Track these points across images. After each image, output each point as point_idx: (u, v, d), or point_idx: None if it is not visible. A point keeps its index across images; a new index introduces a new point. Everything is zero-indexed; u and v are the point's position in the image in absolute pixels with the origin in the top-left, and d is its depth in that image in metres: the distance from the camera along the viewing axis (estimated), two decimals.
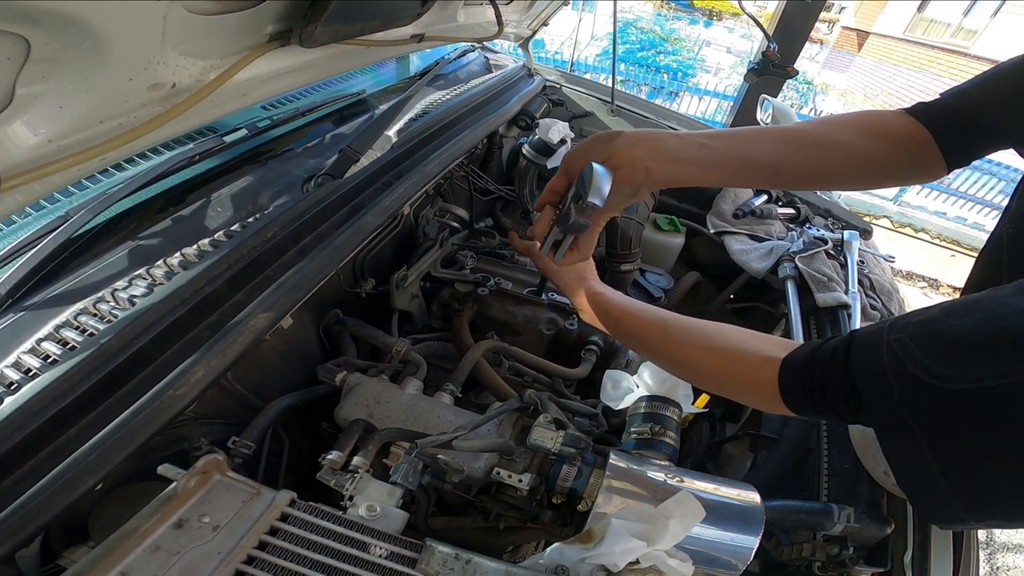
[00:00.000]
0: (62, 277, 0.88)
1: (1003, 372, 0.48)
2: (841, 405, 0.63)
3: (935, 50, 12.26)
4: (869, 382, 0.59)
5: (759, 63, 2.78)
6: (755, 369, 0.74)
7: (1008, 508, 0.51)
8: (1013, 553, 2.86)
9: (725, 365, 0.79)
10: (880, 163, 0.87)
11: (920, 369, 0.53)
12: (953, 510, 0.53)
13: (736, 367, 0.77)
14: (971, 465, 0.52)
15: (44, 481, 0.65)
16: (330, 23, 0.86)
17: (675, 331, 0.86)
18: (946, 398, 0.51)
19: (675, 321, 0.88)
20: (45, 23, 0.56)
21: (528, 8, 2.02)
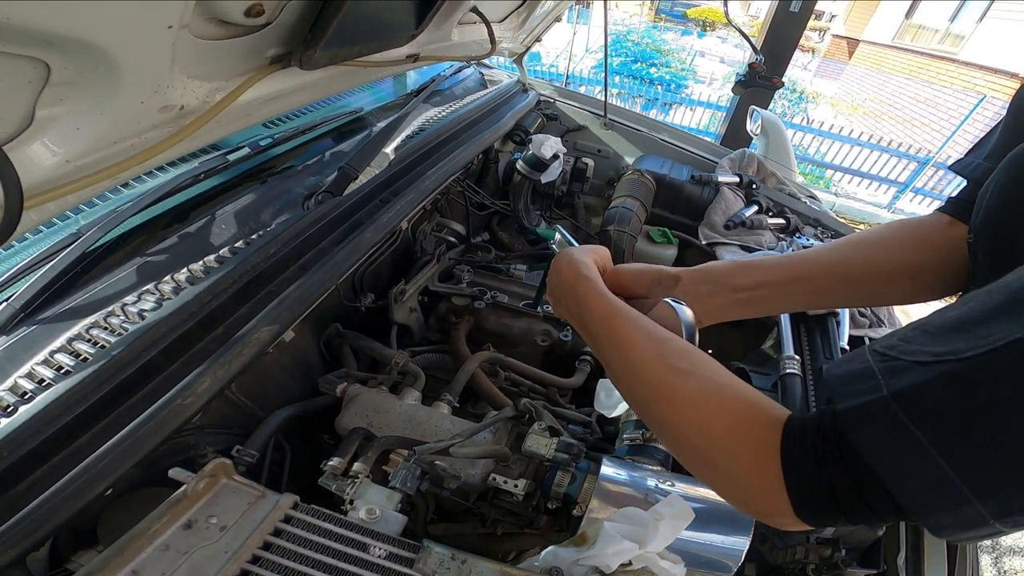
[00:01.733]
0: (74, 292, 0.91)
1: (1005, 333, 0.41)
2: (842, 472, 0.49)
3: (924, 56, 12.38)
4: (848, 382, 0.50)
5: (746, 75, 2.84)
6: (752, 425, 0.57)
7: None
8: (1020, 557, 2.84)
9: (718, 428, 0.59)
10: (930, 278, 0.78)
11: (910, 355, 0.46)
12: (973, 508, 0.43)
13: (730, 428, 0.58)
14: (987, 441, 0.42)
15: (57, 486, 0.67)
16: (328, 47, 0.90)
17: (667, 354, 0.65)
18: (945, 375, 0.43)
19: (664, 342, 0.66)
20: (62, 48, 0.59)
21: (521, 25, 2.07)
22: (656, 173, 2.18)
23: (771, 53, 3.76)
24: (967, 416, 0.42)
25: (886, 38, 14.50)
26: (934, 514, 0.45)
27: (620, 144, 2.50)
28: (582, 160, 2.25)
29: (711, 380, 0.61)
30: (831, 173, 8.22)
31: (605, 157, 2.52)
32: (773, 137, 2.85)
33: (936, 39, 12.45)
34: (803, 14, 4.01)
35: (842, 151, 7.95)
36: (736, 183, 2.19)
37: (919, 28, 13.49)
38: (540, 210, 2.24)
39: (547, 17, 2.26)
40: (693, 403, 0.60)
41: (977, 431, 0.41)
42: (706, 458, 0.59)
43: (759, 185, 2.23)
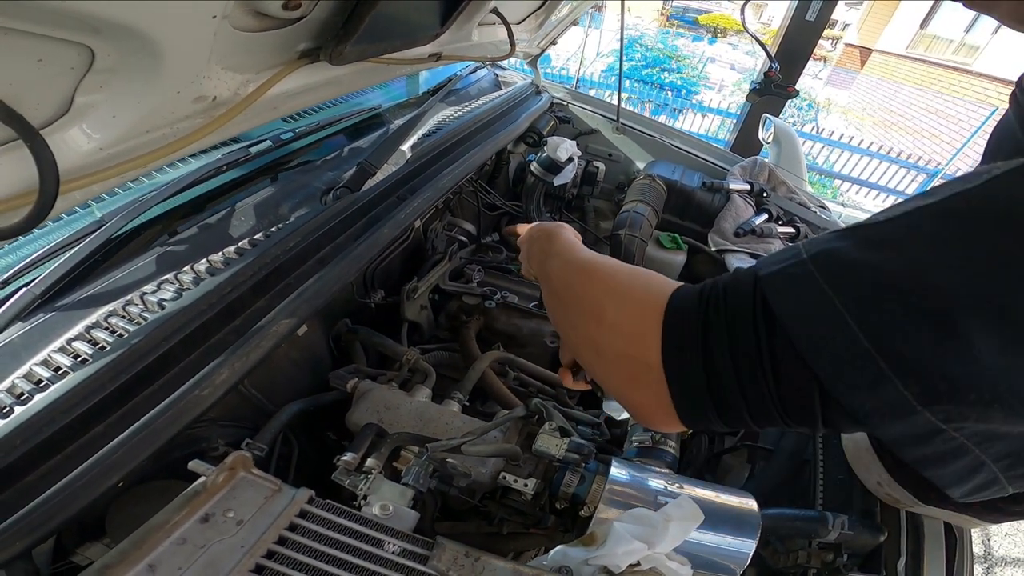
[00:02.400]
0: (93, 280, 0.92)
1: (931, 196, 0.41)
2: (750, 329, 0.47)
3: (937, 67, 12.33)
4: (773, 260, 0.48)
5: (761, 83, 2.83)
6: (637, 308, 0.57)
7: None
8: (1012, 567, 2.84)
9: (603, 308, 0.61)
10: None
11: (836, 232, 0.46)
12: (893, 387, 0.40)
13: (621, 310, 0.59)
14: (898, 306, 0.40)
15: (69, 477, 0.67)
16: (358, 43, 0.90)
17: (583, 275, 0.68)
18: (863, 237, 0.43)
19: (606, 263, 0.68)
20: (109, 34, 0.60)
21: (538, 27, 2.07)
22: (667, 179, 2.18)
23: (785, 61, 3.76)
24: (882, 278, 0.41)
25: (900, 48, 14.45)
26: (854, 393, 0.42)
27: (631, 149, 2.50)
28: (593, 164, 2.26)
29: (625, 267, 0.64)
30: (839, 183, 8.20)
31: (616, 161, 2.52)
32: (785, 146, 2.84)
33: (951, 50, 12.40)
34: (818, 23, 4.01)
35: (851, 161, 7.93)
36: (747, 191, 2.19)
37: (933, 38, 13.45)
38: (551, 212, 2.24)
39: (564, 20, 2.26)
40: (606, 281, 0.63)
41: (888, 294, 0.40)
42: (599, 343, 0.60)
43: (770, 193, 2.23)
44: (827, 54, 20.37)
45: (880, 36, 15.87)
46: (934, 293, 0.39)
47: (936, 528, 1.08)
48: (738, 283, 0.50)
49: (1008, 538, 2.98)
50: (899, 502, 1.04)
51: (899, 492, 1.02)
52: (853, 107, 14.72)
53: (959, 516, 1.00)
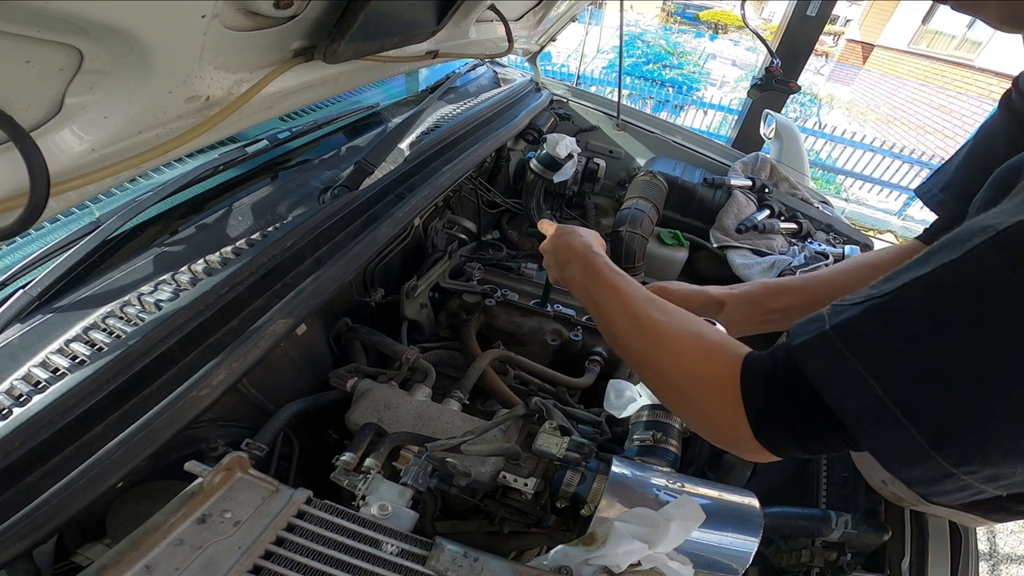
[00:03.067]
0: (91, 281, 0.91)
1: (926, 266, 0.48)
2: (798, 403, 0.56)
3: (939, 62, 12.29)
4: (802, 327, 0.57)
5: (762, 79, 2.82)
6: (720, 361, 0.66)
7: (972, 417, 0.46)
8: (1017, 564, 2.83)
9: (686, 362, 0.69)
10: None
11: (855, 298, 0.53)
12: (908, 434, 0.47)
13: (704, 359, 0.68)
14: (906, 365, 0.48)
15: (69, 478, 0.67)
16: (353, 40, 0.90)
17: (659, 309, 0.76)
18: (875, 309, 0.51)
19: (653, 300, 0.78)
20: (97, 35, 0.59)
21: (537, 24, 2.07)
22: (669, 175, 2.17)
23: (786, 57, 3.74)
24: (889, 342, 0.49)
25: (902, 43, 14.41)
26: (876, 440, 0.51)
27: (632, 145, 2.49)
28: (594, 160, 2.25)
29: (685, 326, 0.72)
30: (842, 178, 8.17)
31: (617, 158, 2.51)
32: (787, 141, 2.84)
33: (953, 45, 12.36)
34: (819, 18, 4.00)
35: (853, 156, 7.90)
36: (749, 187, 2.18)
37: (936, 34, 13.41)
38: (551, 209, 2.24)
39: (563, 17, 2.25)
40: (670, 344, 0.71)
41: (897, 355, 0.48)
42: (680, 392, 0.70)
43: (772, 189, 2.22)
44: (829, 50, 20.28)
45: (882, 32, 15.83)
46: (929, 356, 0.47)
47: (940, 526, 1.08)
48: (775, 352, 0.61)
49: (1014, 535, 2.97)
50: (903, 500, 1.04)
51: (903, 490, 1.01)
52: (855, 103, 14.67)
53: (964, 515, 0.99)
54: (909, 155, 7.70)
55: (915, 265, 0.50)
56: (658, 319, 0.74)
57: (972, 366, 0.45)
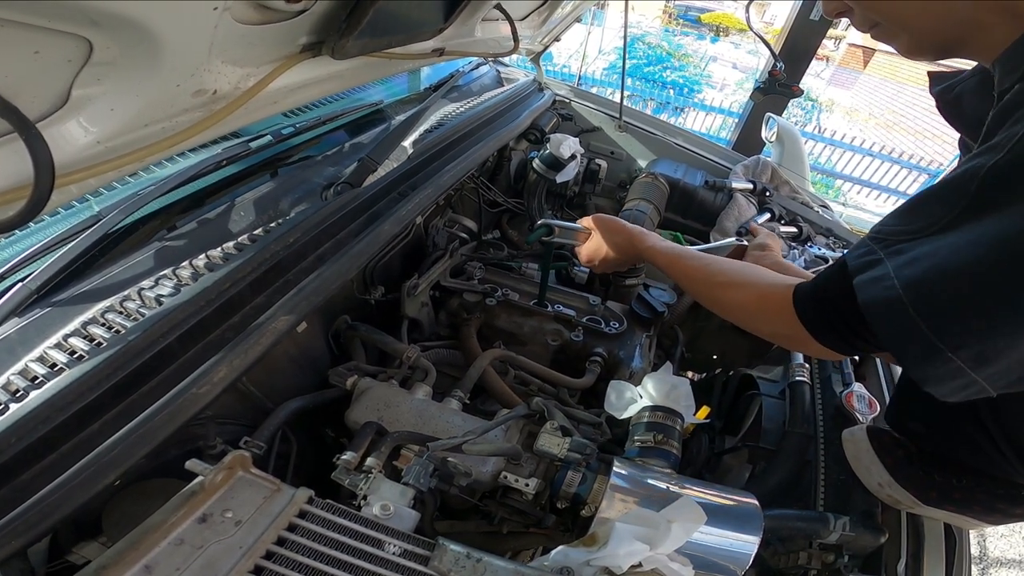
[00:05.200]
0: (90, 275, 0.90)
1: (951, 208, 0.62)
2: (847, 307, 0.72)
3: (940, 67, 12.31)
4: (856, 260, 0.71)
5: (765, 82, 2.82)
6: (774, 301, 0.87)
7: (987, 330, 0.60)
8: (1007, 568, 2.85)
9: (749, 301, 0.94)
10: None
11: (895, 235, 0.68)
12: (944, 360, 0.63)
13: (758, 302, 0.91)
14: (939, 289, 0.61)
15: (65, 475, 0.66)
16: (361, 37, 0.90)
17: (706, 274, 1.03)
18: (919, 243, 0.64)
19: (707, 264, 1.05)
20: (109, 26, 0.59)
21: (541, 24, 2.06)
22: (670, 177, 2.17)
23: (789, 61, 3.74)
24: (930, 278, 0.62)
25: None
26: (903, 345, 0.66)
27: (634, 147, 2.49)
28: (595, 161, 2.24)
29: (742, 274, 0.98)
30: (841, 183, 8.19)
31: (618, 159, 2.51)
32: (788, 145, 2.84)
33: None
34: (823, 22, 3.99)
35: (853, 161, 7.92)
36: (750, 190, 2.18)
37: None
38: (552, 209, 2.23)
39: (567, 17, 2.25)
40: (734, 291, 0.97)
41: (929, 286, 0.62)
42: (747, 323, 0.97)
43: (772, 192, 2.22)
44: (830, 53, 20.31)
45: None
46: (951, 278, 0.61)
47: (936, 529, 1.09)
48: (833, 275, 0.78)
49: (1004, 539, 2.99)
50: (900, 503, 1.04)
51: (900, 493, 1.02)
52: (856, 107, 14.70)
53: (959, 517, 1.00)
54: (908, 160, 7.72)
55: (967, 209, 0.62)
56: (719, 275, 1.01)
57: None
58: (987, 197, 0.60)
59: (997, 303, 0.59)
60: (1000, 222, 0.58)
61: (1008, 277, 0.58)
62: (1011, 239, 0.57)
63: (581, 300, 1.61)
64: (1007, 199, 0.58)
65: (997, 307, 0.59)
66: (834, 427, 1.27)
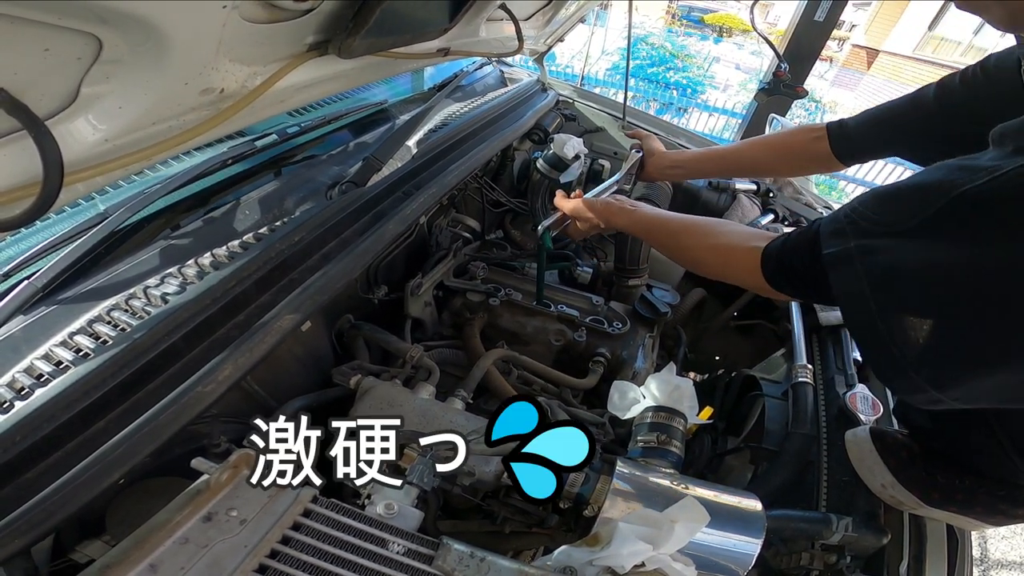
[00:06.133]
0: (95, 273, 0.91)
1: (923, 208, 0.61)
2: (808, 272, 0.78)
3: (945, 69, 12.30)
4: (829, 236, 0.73)
5: (770, 83, 2.81)
6: (744, 258, 0.92)
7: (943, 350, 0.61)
8: (1008, 570, 2.85)
9: (724, 261, 1.00)
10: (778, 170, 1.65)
11: (868, 220, 0.68)
12: (899, 362, 0.64)
13: (732, 261, 0.97)
14: (902, 295, 0.63)
15: (70, 474, 0.66)
16: (367, 36, 0.90)
17: (684, 235, 1.10)
18: (889, 238, 0.65)
19: (684, 226, 1.11)
20: (117, 24, 0.59)
21: (545, 24, 2.06)
22: None
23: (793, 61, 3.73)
24: (887, 268, 0.64)
25: (907, 49, 14.39)
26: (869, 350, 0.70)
27: None
28: (598, 162, 2.24)
29: (715, 231, 1.05)
30: (844, 184, 8.18)
31: (621, 160, 2.50)
32: None
33: (959, 52, 12.35)
34: (827, 23, 3.99)
35: None
36: (753, 191, 2.18)
37: (941, 40, 13.40)
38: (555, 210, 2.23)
39: (571, 18, 2.25)
40: (704, 248, 1.04)
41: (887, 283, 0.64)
42: (717, 272, 1.03)
43: (776, 193, 2.21)
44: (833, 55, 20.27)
45: (887, 37, 15.81)
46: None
47: (938, 530, 1.09)
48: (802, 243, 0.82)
49: (1005, 540, 2.98)
50: (903, 504, 1.04)
51: (904, 495, 1.02)
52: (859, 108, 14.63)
53: (962, 518, 1.00)
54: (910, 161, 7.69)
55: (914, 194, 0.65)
56: (691, 248, 1.08)
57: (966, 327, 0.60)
58: (950, 219, 0.59)
59: (954, 334, 0.60)
60: (953, 251, 0.58)
61: (964, 313, 0.59)
62: (965, 274, 0.58)
63: (584, 300, 1.61)
64: (965, 231, 0.58)
65: (954, 339, 0.60)
66: (837, 428, 1.27)
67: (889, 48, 15.58)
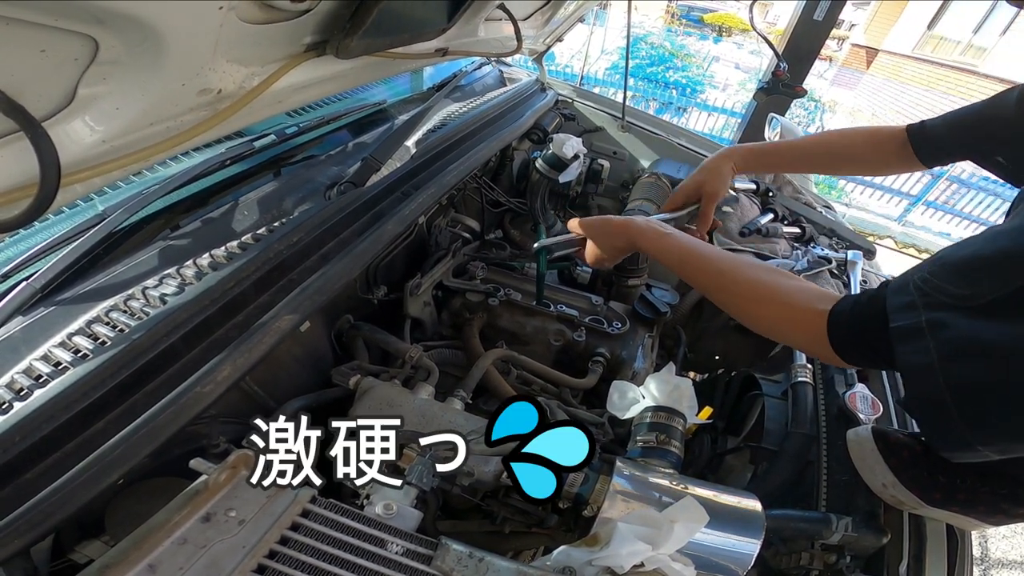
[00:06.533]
0: (94, 274, 0.91)
1: (1005, 284, 0.58)
2: (882, 345, 0.72)
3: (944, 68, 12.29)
4: (898, 309, 0.70)
5: (769, 82, 2.82)
6: (809, 323, 0.83)
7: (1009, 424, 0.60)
8: (1008, 569, 2.85)
9: (783, 319, 0.90)
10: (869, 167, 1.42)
11: (941, 293, 0.65)
12: (959, 432, 0.62)
13: (793, 323, 0.88)
14: (975, 370, 0.60)
15: (69, 474, 0.66)
16: (365, 36, 0.90)
17: (732, 280, 0.95)
18: (963, 313, 0.61)
19: (733, 267, 0.96)
20: (114, 25, 0.59)
21: (544, 24, 2.06)
22: (673, 177, 2.17)
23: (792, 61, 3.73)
24: (960, 342, 0.61)
25: (906, 48, 14.39)
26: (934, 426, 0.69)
27: (636, 147, 2.49)
28: (598, 161, 2.24)
29: (770, 287, 0.90)
30: (843, 183, 8.17)
31: (620, 159, 2.50)
32: None
33: (958, 51, 12.35)
34: (826, 23, 3.98)
35: None
36: (753, 190, 2.17)
37: (940, 39, 13.39)
38: (554, 210, 2.23)
39: (570, 17, 2.25)
40: (765, 308, 0.92)
41: (959, 357, 0.61)
42: (776, 338, 1.00)
43: (775, 193, 2.21)
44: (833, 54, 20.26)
45: (887, 36, 15.81)
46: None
47: (938, 530, 1.08)
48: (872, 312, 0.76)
49: (1005, 540, 2.99)
50: (904, 504, 1.04)
51: (904, 494, 1.02)
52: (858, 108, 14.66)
53: (963, 518, 1.00)
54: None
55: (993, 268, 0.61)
56: (740, 298, 0.95)
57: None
58: None
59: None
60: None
61: None
62: None
63: (583, 300, 1.61)
64: None
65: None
66: (837, 428, 1.27)
67: (888, 47, 15.57)
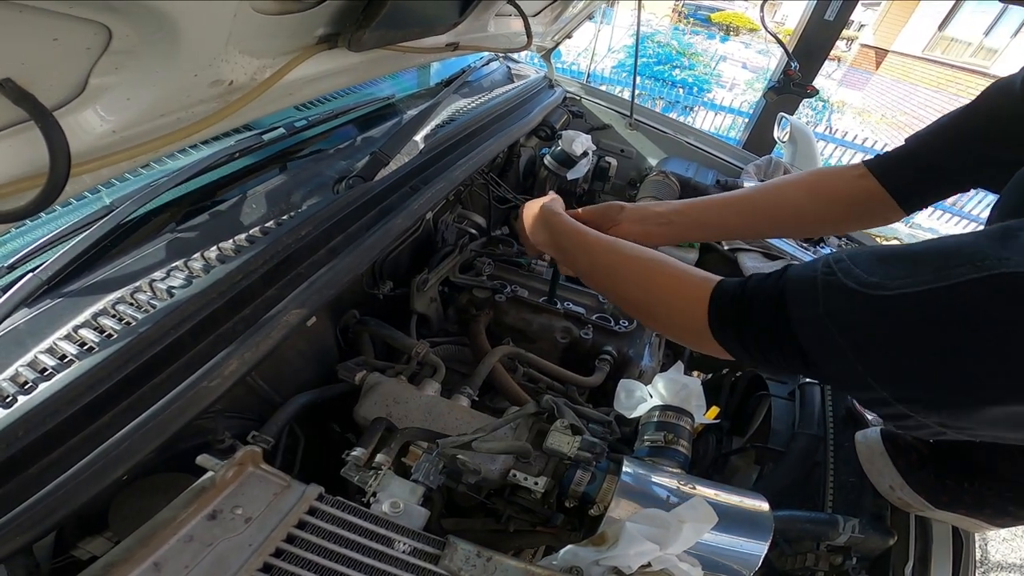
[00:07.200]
0: (101, 266, 0.90)
1: (921, 280, 0.52)
2: (767, 330, 0.65)
3: (954, 69, 12.22)
4: (797, 293, 0.62)
5: (779, 81, 2.79)
6: (687, 288, 0.75)
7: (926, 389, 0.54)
8: (1008, 572, 2.84)
9: (663, 288, 0.80)
10: (822, 219, 1.04)
11: (850, 278, 0.57)
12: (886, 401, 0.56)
13: (667, 287, 0.79)
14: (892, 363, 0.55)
15: (73, 469, 0.65)
16: (378, 28, 0.89)
17: (617, 261, 0.87)
18: (869, 303, 0.55)
19: (618, 250, 0.88)
20: (129, 14, 0.58)
21: (554, 21, 2.05)
22: (681, 176, 2.16)
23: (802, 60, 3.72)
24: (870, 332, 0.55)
25: (916, 49, 14.31)
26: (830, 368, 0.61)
27: (644, 145, 2.48)
28: (605, 159, 2.23)
29: (651, 259, 0.82)
30: None
31: (628, 157, 2.49)
32: (801, 145, 2.82)
33: (968, 52, 12.27)
34: (837, 23, 3.97)
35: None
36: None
37: (951, 41, 13.31)
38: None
39: (580, 14, 2.24)
40: (641, 277, 0.83)
41: (874, 344, 0.55)
42: (651, 313, 0.84)
43: None
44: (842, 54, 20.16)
45: (897, 37, 15.72)
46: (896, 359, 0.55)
47: (944, 532, 1.09)
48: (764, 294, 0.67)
49: (1006, 543, 2.98)
50: (911, 506, 1.04)
51: (912, 497, 1.01)
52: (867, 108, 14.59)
53: (970, 520, 1.00)
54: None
55: (908, 278, 0.53)
56: (624, 256, 0.86)
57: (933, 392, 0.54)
58: (973, 301, 0.49)
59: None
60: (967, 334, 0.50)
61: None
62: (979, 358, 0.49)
63: (591, 298, 1.60)
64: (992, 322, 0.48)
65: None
66: (844, 429, 1.26)
67: (898, 48, 15.49)
